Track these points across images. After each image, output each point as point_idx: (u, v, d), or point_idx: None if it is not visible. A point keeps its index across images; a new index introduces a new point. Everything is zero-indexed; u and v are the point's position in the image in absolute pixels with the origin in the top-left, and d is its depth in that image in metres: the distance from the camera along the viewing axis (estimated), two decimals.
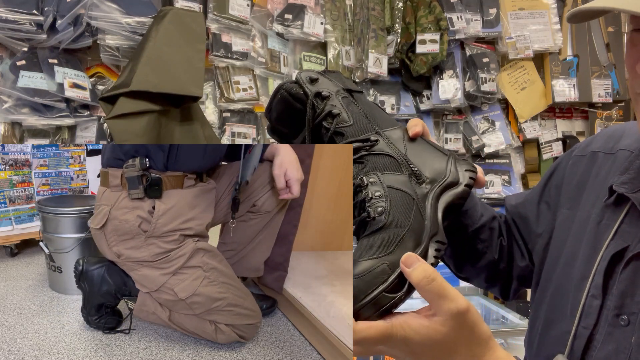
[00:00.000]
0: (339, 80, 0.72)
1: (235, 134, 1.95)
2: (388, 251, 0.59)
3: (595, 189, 0.75)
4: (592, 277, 0.68)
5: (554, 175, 0.86)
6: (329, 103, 0.68)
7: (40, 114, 1.75)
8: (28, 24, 1.69)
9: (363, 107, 0.70)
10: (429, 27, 2.09)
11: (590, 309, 0.67)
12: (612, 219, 0.70)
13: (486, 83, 2.17)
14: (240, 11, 1.95)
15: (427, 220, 0.63)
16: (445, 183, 0.66)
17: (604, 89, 2.30)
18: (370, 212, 0.62)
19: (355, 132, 0.68)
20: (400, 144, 0.68)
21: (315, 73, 0.70)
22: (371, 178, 0.65)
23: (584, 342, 0.67)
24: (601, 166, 0.77)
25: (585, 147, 0.83)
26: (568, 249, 0.76)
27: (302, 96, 0.69)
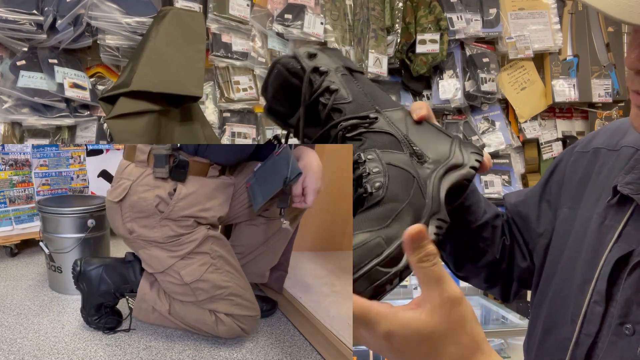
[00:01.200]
0: (339, 58, 0.69)
1: (235, 134, 1.95)
2: (384, 224, 0.56)
3: (598, 188, 0.72)
4: (594, 282, 0.65)
5: (555, 173, 0.83)
6: (327, 79, 0.65)
7: (40, 114, 1.75)
8: (28, 24, 1.69)
9: (363, 86, 0.67)
10: (429, 27, 2.09)
11: (593, 315, 0.64)
12: (615, 220, 0.66)
13: (486, 83, 2.17)
14: (240, 11, 1.95)
15: (428, 198, 0.59)
16: (449, 164, 0.63)
17: (604, 89, 2.30)
18: (367, 187, 0.59)
19: (354, 109, 0.65)
20: (402, 125, 0.65)
21: (314, 49, 0.67)
22: (369, 155, 0.62)
23: (586, 350, 0.64)
24: (604, 163, 0.73)
25: (588, 143, 0.79)
26: (569, 250, 0.72)
27: (300, 71, 0.65)
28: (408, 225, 0.54)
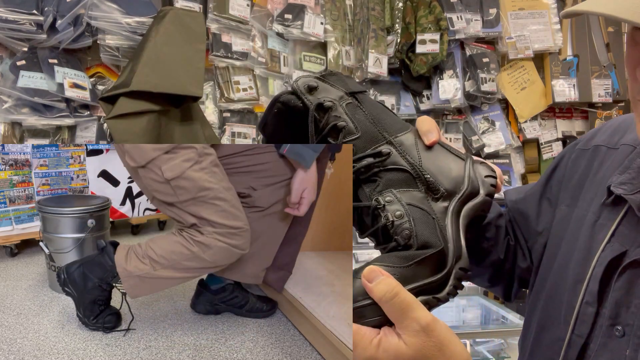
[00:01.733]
0: (341, 83, 0.64)
1: (235, 134, 1.95)
2: (405, 264, 0.54)
3: (595, 186, 0.71)
4: (586, 283, 0.65)
5: (556, 170, 0.81)
6: (332, 114, 0.61)
7: (40, 114, 1.75)
8: (28, 24, 1.69)
9: (369, 112, 0.63)
10: (429, 27, 2.09)
11: (585, 316, 0.64)
12: (608, 219, 0.66)
13: (486, 83, 2.17)
14: (240, 11, 1.95)
15: (450, 242, 0.57)
16: (464, 195, 0.61)
17: (604, 89, 2.30)
18: (398, 240, 0.57)
19: (364, 144, 0.61)
20: (414, 151, 0.62)
21: (314, 79, 0.63)
22: (387, 197, 0.59)
23: (578, 351, 0.64)
24: (603, 161, 0.72)
25: (589, 141, 0.77)
26: (564, 249, 0.72)
27: (302, 108, 0.61)
28: (431, 272, 0.55)
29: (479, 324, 2.16)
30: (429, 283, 0.54)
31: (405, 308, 0.50)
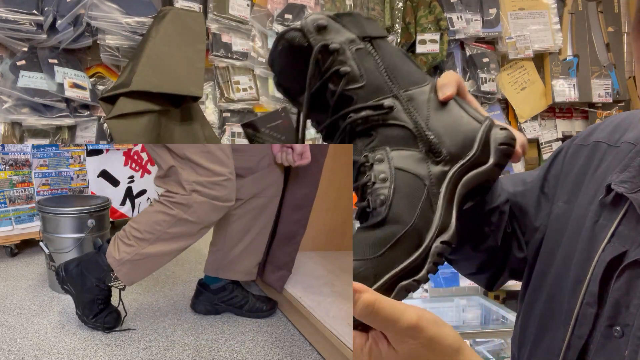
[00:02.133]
0: (356, 25, 0.57)
1: (235, 134, 1.95)
2: (377, 253, 0.50)
3: (594, 184, 0.69)
4: (587, 283, 0.63)
5: (553, 164, 0.79)
6: (337, 59, 0.54)
7: (40, 114, 1.75)
8: (28, 24, 1.69)
9: (384, 60, 0.56)
10: (429, 27, 2.09)
11: (585, 317, 0.63)
12: (609, 219, 0.64)
13: (486, 83, 2.17)
14: (240, 11, 1.95)
15: (438, 211, 0.52)
16: (470, 161, 0.54)
17: (604, 89, 2.30)
18: (370, 200, 0.53)
19: (367, 95, 0.55)
20: (424, 108, 0.56)
21: (325, 18, 0.56)
22: (378, 155, 0.54)
23: (577, 353, 0.62)
24: (603, 159, 0.70)
25: (588, 136, 0.75)
26: (563, 248, 0.70)
27: (308, 48, 0.55)
28: (407, 253, 0.51)
29: (479, 324, 2.16)
30: (406, 266, 0.50)
31: (387, 320, 0.48)
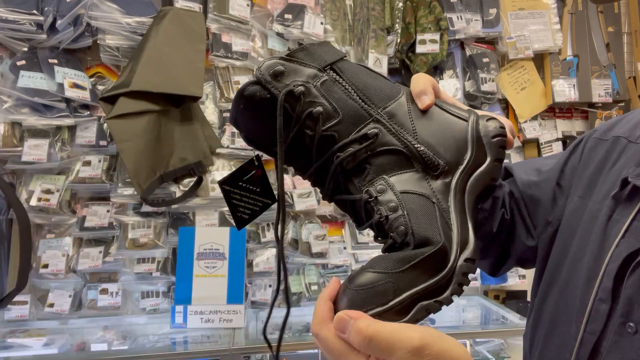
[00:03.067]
0: (312, 57, 0.54)
1: (235, 134, 1.95)
2: (400, 268, 0.48)
3: (611, 179, 0.67)
4: (600, 279, 0.62)
5: (571, 157, 0.77)
6: (306, 100, 0.52)
7: (40, 114, 1.75)
8: (28, 24, 1.69)
9: (351, 84, 0.54)
10: (429, 27, 2.09)
11: (598, 313, 0.61)
12: (623, 214, 0.62)
13: (486, 83, 2.17)
14: (240, 11, 1.95)
15: (454, 227, 0.50)
16: (468, 165, 0.53)
17: (604, 89, 2.30)
18: (395, 237, 0.50)
19: (347, 128, 0.52)
20: (407, 122, 0.53)
21: (279, 62, 0.53)
22: (378, 186, 0.52)
23: (590, 349, 0.61)
24: (622, 154, 0.68)
25: (607, 131, 0.73)
26: (577, 243, 0.68)
27: (270, 99, 0.52)
28: (432, 272, 0.48)
29: (479, 324, 2.16)
30: (429, 286, 0.48)
31: (386, 347, 0.46)
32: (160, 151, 1.70)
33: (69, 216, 1.85)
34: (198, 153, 1.80)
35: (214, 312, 1.76)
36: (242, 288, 1.83)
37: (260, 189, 0.65)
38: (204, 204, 1.92)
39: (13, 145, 1.76)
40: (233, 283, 1.82)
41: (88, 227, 1.84)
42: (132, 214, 1.89)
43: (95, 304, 1.86)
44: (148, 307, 1.90)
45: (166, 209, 1.91)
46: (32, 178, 1.82)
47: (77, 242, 1.88)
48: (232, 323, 1.76)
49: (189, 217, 1.95)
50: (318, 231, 2.00)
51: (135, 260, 1.87)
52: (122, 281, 1.88)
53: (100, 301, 1.86)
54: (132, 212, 1.89)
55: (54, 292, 1.84)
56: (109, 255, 1.87)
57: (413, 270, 0.48)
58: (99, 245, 1.88)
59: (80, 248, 1.86)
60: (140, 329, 1.88)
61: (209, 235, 1.86)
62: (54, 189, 1.80)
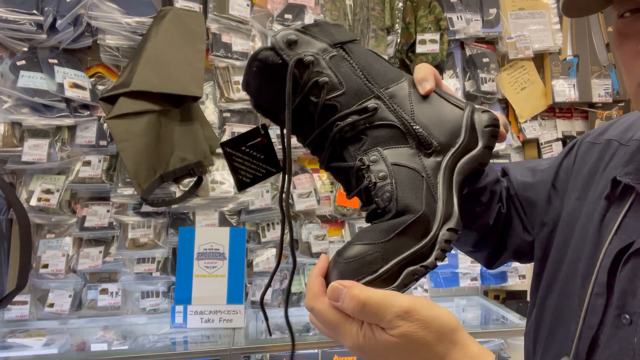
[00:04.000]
0: (325, 34, 0.58)
1: (235, 134, 1.95)
2: (385, 238, 0.51)
3: (604, 180, 0.70)
4: (595, 274, 0.64)
5: (565, 159, 0.80)
6: (314, 70, 0.55)
7: (40, 114, 1.75)
8: (28, 24, 1.69)
9: (358, 63, 0.57)
10: (429, 27, 2.09)
11: (595, 307, 0.64)
12: (615, 212, 0.66)
13: (486, 83, 2.17)
14: (240, 11, 1.95)
15: (439, 200, 0.54)
16: (460, 148, 0.56)
17: (604, 89, 2.30)
18: (378, 202, 0.54)
19: (349, 100, 0.56)
20: (406, 103, 0.57)
21: (294, 32, 0.56)
22: (372, 156, 0.55)
23: (589, 343, 0.63)
24: (613, 156, 0.72)
25: (600, 135, 0.77)
26: (574, 244, 0.71)
27: (282, 65, 0.56)
28: (415, 239, 0.52)
29: (479, 324, 2.16)
30: (414, 252, 0.51)
31: (377, 310, 0.49)
32: (160, 151, 1.70)
33: (69, 216, 1.85)
34: (198, 153, 1.80)
35: (214, 312, 1.77)
36: (242, 288, 1.83)
37: (265, 157, 0.67)
38: (204, 204, 1.92)
39: (13, 145, 1.76)
40: (233, 283, 1.83)
41: (88, 227, 1.84)
42: (132, 214, 1.89)
43: (95, 304, 1.86)
44: (148, 307, 1.90)
45: (166, 209, 1.91)
46: (32, 178, 1.82)
47: (77, 242, 1.88)
48: (232, 323, 1.76)
49: (189, 217, 1.95)
50: (318, 231, 2.00)
51: (135, 260, 1.87)
52: (122, 281, 1.88)
53: (100, 301, 1.86)
54: (132, 212, 1.89)
55: (54, 292, 1.84)
56: (109, 255, 1.87)
57: (398, 238, 0.51)
58: (99, 245, 1.88)
59: (80, 248, 1.86)
60: (140, 329, 1.88)
61: (209, 235, 1.87)
62: (54, 189, 1.80)
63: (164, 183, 1.75)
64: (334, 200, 2.05)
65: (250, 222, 1.99)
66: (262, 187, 1.97)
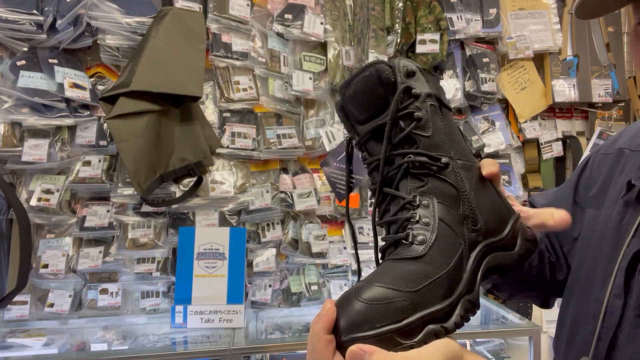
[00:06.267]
0: (435, 86, 0.63)
1: (235, 134, 1.95)
2: (415, 288, 0.50)
3: (619, 186, 0.73)
4: (614, 277, 0.66)
5: (583, 175, 0.84)
6: (415, 103, 0.59)
7: (40, 114, 1.75)
8: (28, 24, 1.69)
9: (447, 127, 0.62)
10: (429, 27, 2.09)
11: (613, 308, 0.65)
12: (633, 216, 0.68)
13: (486, 83, 2.17)
14: (240, 11, 1.95)
15: (466, 273, 0.55)
16: (499, 243, 0.60)
17: (604, 89, 2.30)
18: (409, 234, 0.55)
19: (428, 145, 0.59)
20: (469, 180, 0.60)
21: (416, 67, 0.61)
22: (425, 200, 0.57)
23: (608, 343, 0.65)
24: (626, 163, 0.75)
25: (611, 145, 0.81)
26: (593, 248, 0.74)
27: (391, 84, 0.59)
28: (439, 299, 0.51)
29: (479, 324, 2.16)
30: (439, 309, 0.51)
31: None
32: (160, 151, 1.70)
33: (69, 216, 1.85)
34: (198, 153, 1.80)
35: (214, 312, 1.77)
36: (242, 288, 1.83)
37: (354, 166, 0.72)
38: (204, 204, 1.92)
39: (13, 145, 1.76)
40: (233, 283, 1.83)
41: (88, 227, 1.84)
42: (132, 214, 1.89)
43: (95, 304, 1.86)
44: (148, 307, 1.90)
45: (166, 209, 1.91)
46: (32, 178, 1.82)
47: (77, 242, 1.88)
48: (232, 323, 1.76)
49: (189, 217, 1.94)
50: (318, 231, 2.00)
51: (135, 260, 1.87)
52: (122, 281, 1.88)
53: (100, 301, 1.86)
54: (132, 212, 1.89)
55: (54, 292, 1.84)
56: (109, 255, 1.87)
57: (426, 291, 0.51)
58: (99, 245, 1.88)
59: (80, 248, 1.86)
60: (140, 329, 1.88)
61: (209, 235, 1.87)
62: (54, 189, 1.80)
63: (164, 183, 1.75)
64: (334, 200, 2.05)
65: (250, 222, 1.99)
66: (262, 187, 1.97)
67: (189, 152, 1.78)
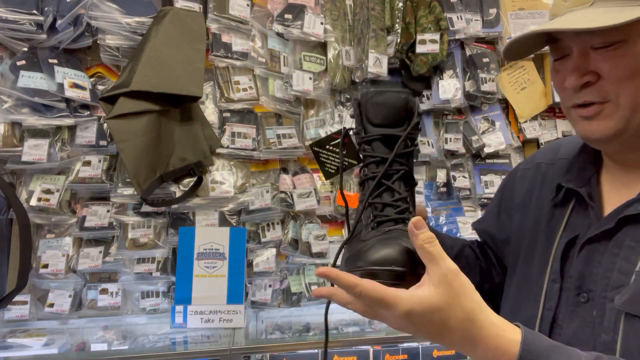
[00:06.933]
0: None
1: (235, 134, 1.95)
2: None
3: (543, 193, 0.89)
4: (550, 264, 0.79)
5: (506, 189, 1.01)
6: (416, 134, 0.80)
7: (40, 114, 1.75)
8: (28, 24, 1.69)
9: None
10: (429, 27, 2.09)
11: (552, 292, 0.77)
12: (561, 215, 0.82)
13: (486, 83, 2.17)
14: (240, 11, 1.95)
15: None
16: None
17: None
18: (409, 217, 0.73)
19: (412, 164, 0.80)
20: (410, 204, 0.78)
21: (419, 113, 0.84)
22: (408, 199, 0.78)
23: (550, 323, 0.75)
24: (545, 174, 0.91)
25: (530, 161, 0.98)
26: (526, 245, 0.88)
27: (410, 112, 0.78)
28: None
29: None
30: None
31: (437, 255, 0.60)
32: (160, 151, 1.70)
33: (69, 216, 1.85)
34: (198, 153, 1.80)
35: (214, 312, 1.77)
36: (242, 288, 1.83)
37: (347, 152, 0.90)
38: (204, 204, 1.92)
39: (13, 145, 1.76)
40: (233, 283, 1.83)
41: (88, 227, 1.84)
42: (132, 214, 1.89)
43: (95, 304, 1.86)
44: (148, 307, 1.90)
45: (166, 209, 1.91)
46: (32, 178, 1.82)
47: (77, 242, 1.88)
48: (232, 323, 1.76)
49: (189, 217, 1.94)
50: (318, 231, 2.00)
51: (135, 260, 1.87)
52: (122, 281, 1.88)
53: (100, 301, 1.86)
54: (132, 212, 1.89)
55: (54, 292, 1.84)
56: (109, 255, 1.87)
57: None
58: (99, 245, 1.88)
59: (80, 248, 1.86)
60: (140, 329, 1.88)
61: (209, 235, 1.87)
62: (54, 189, 1.80)
63: (164, 183, 1.75)
64: (334, 200, 2.05)
65: (250, 222, 1.99)
66: (262, 187, 1.97)
67: (189, 152, 1.78)
